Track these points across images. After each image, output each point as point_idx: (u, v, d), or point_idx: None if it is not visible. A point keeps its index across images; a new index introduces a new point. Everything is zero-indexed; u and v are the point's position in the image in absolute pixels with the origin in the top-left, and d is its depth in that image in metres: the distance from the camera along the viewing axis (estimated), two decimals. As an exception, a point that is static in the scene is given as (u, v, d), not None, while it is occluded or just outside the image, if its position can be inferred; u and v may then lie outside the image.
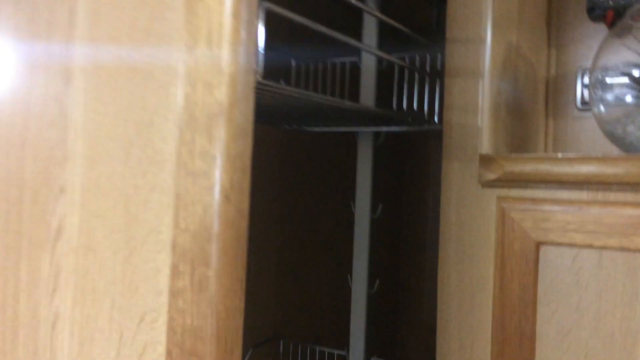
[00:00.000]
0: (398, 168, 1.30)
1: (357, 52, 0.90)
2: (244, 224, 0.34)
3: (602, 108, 0.69)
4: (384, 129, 0.88)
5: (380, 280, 0.91)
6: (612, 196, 0.58)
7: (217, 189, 0.33)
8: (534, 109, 0.88)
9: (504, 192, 0.64)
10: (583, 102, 0.89)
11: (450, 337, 0.65)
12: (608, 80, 0.71)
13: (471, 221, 0.65)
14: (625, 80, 0.70)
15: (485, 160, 0.65)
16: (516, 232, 0.62)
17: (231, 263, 0.33)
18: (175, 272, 0.33)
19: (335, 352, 0.94)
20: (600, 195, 0.59)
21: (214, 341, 0.32)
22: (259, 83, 0.45)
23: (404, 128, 0.86)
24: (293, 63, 0.94)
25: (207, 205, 0.33)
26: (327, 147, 1.08)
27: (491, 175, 0.64)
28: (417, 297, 1.27)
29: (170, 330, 0.33)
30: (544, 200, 0.61)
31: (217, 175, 0.33)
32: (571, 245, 0.59)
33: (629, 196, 0.56)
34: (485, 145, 0.66)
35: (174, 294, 0.33)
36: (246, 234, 0.34)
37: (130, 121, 0.36)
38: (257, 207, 0.93)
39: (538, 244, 0.60)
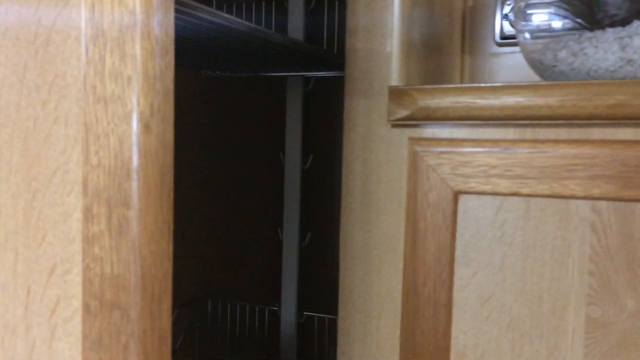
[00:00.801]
0: (329, 114, 1.24)
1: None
2: (169, 158, 0.32)
3: (527, 36, 0.59)
4: (315, 73, 0.81)
5: (311, 233, 0.98)
6: (543, 133, 0.49)
7: (134, 117, 0.30)
8: (450, 43, 0.78)
9: (417, 132, 0.54)
10: (503, 36, 0.80)
11: (354, 307, 0.55)
12: (534, 5, 0.62)
13: (379, 169, 0.55)
14: (552, 4, 0.61)
15: (396, 94, 0.54)
16: (431, 179, 0.52)
17: (155, 202, 0.31)
18: (88, 215, 0.31)
19: (267, 308, 0.99)
20: (529, 133, 0.50)
21: (138, 290, 0.30)
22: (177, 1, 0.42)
23: (336, 73, 0.78)
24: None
25: (123, 136, 0.30)
26: (253, 94, 1.09)
27: (402, 112, 0.53)
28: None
29: (87, 281, 0.31)
30: (463, 141, 0.52)
31: (134, 100, 0.30)
32: (495, 193, 0.50)
33: (563, 132, 0.48)
34: (396, 76, 0.55)
35: (88, 240, 0.31)
36: (172, 169, 0.32)
37: (22, 40, 0.32)
38: (180, 157, 0.93)
39: (457, 194, 0.50)
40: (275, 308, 0.96)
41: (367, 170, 0.60)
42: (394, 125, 0.59)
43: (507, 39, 0.87)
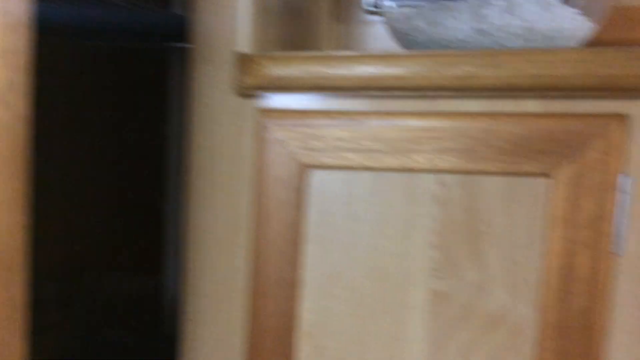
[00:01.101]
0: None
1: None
2: (24, 131, 0.32)
3: (391, 4, 0.58)
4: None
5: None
6: (393, 105, 0.49)
7: (-11, 91, 0.34)
8: (317, 9, 0.75)
9: (265, 103, 0.51)
10: (373, 4, 0.79)
11: (201, 291, 0.53)
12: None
13: (224, 142, 0.53)
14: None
15: (242, 61, 0.51)
16: (280, 154, 0.50)
17: (8, 174, 0.31)
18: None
19: (149, 278, 0.99)
20: (380, 105, 0.50)
21: (-11, 260, 0.35)
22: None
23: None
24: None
25: (-24, 109, 0.35)
26: (135, 65, 1.07)
27: (249, 81, 0.50)
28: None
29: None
30: (315, 113, 0.50)
31: (-12, 74, 0.34)
32: (345, 168, 0.49)
33: (412, 104, 0.49)
34: (245, 43, 0.52)
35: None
36: (28, 142, 0.32)
37: None
38: (54, 129, 0.89)
39: (306, 169, 0.49)
40: (158, 277, 0.98)
41: (212, 144, 0.58)
42: (241, 95, 0.56)
43: (379, 6, 0.87)
